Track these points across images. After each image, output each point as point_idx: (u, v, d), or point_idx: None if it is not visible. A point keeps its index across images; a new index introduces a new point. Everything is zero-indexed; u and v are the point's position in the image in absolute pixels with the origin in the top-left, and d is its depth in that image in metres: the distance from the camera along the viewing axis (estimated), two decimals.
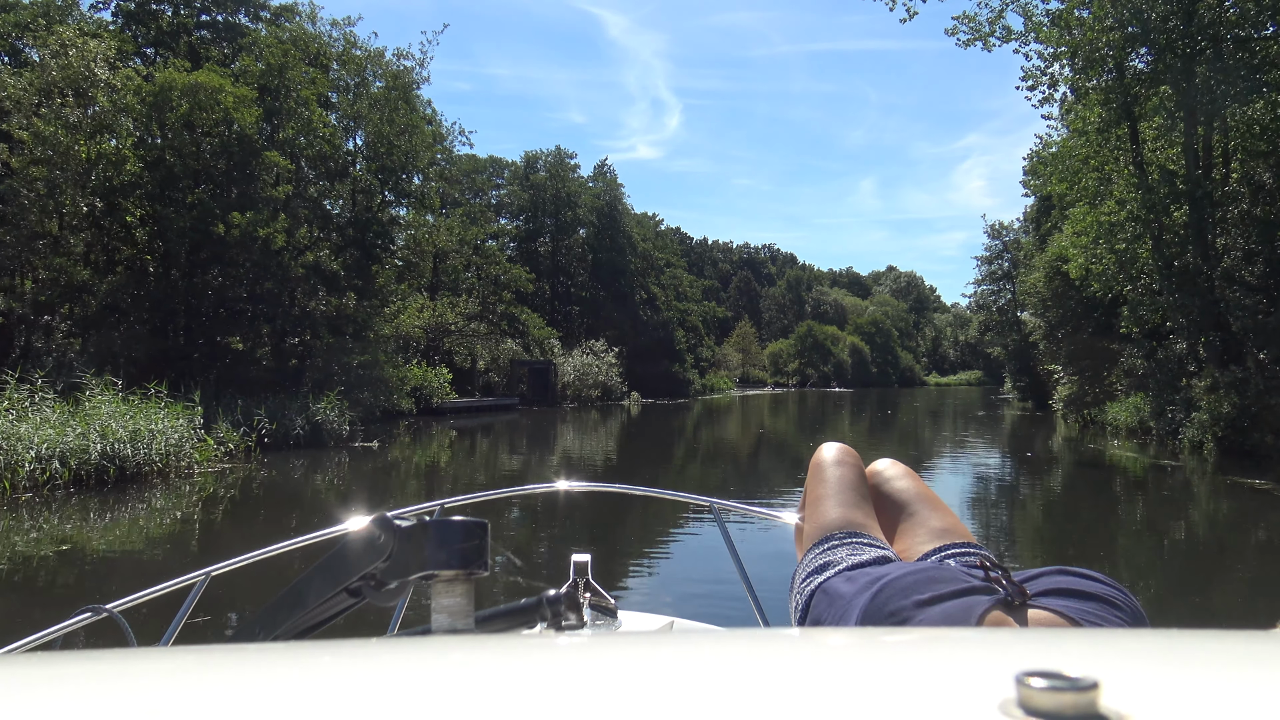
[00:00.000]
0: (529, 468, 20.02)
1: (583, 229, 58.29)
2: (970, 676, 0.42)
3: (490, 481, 16.21)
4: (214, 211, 20.13)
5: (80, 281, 20.01)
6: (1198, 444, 18.74)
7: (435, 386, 32.70)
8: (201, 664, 0.51)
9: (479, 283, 41.77)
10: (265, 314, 22.29)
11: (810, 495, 1.41)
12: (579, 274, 58.16)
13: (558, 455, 23.31)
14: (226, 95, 20.99)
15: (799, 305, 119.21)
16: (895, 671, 0.44)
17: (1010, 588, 0.95)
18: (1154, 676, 0.42)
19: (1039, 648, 0.52)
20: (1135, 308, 22.73)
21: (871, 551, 1.19)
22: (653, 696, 0.39)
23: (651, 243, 64.97)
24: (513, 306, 41.62)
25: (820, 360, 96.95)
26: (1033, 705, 0.33)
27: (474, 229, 42.13)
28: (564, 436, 29.36)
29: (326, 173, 24.81)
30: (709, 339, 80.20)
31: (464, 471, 18.34)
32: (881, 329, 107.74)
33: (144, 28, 27.60)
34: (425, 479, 16.65)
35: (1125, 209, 22.06)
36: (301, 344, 23.82)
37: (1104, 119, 23.21)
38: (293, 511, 12.28)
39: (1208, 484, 15.54)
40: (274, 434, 18.57)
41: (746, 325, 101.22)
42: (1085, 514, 12.45)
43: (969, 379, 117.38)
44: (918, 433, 29.66)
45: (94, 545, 9.40)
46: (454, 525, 0.67)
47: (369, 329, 25.01)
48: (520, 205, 56.81)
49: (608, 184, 59.46)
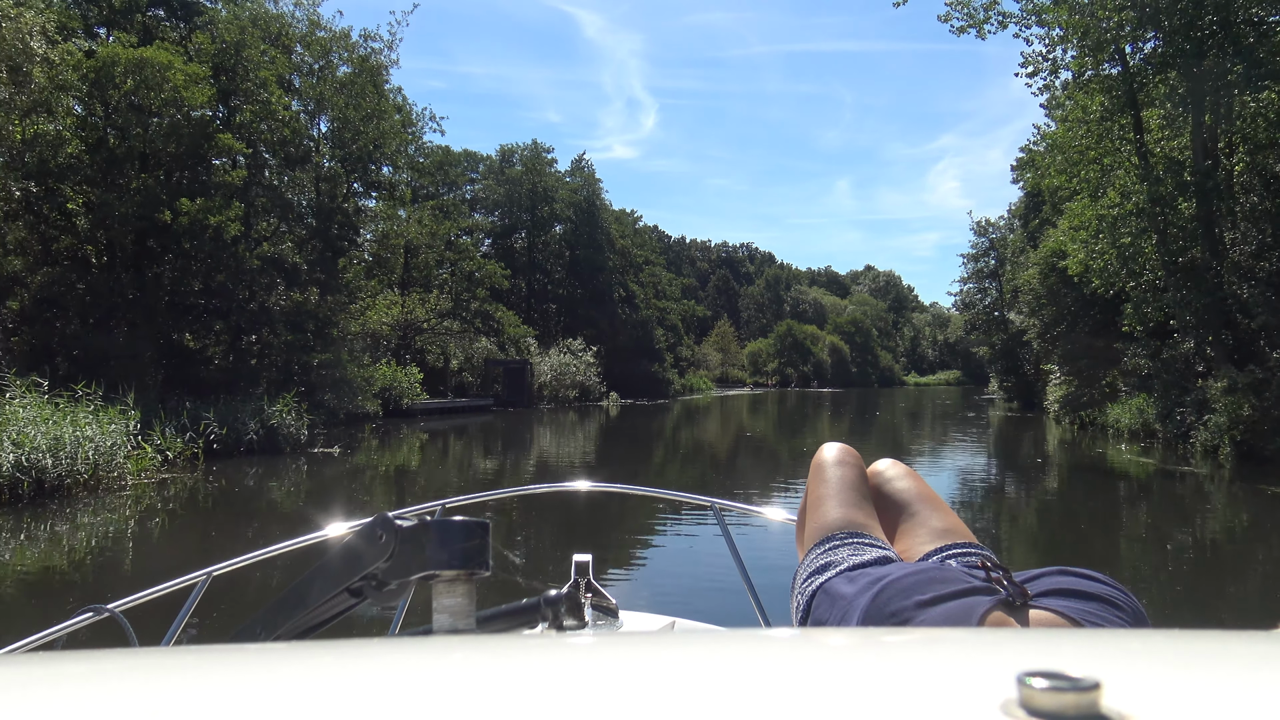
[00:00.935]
0: (503, 472, 18.80)
1: (560, 225, 56.84)
2: (971, 677, 0.42)
3: (463, 488, 15.05)
4: (160, 198, 18.57)
5: (12, 273, 18.39)
6: (1212, 448, 17.72)
7: (405, 387, 31.23)
8: (203, 664, 0.50)
9: (452, 279, 40.25)
10: (219, 309, 20.72)
11: (811, 495, 1.40)
12: (556, 271, 56.73)
13: (534, 458, 22.05)
14: (176, 73, 19.46)
15: (778, 304, 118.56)
16: (896, 672, 0.44)
17: (1011, 588, 0.95)
18: (1155, 677, 0.42)
19: (1040, 648, 0.52)
20: (1139, 305, 21.72)
21: (873, 552, 1.18)
22: (654, 697, 0.39)
23: (630, 240, 63.59)
24: (487, 304, 40.13)
25: (800, 360, 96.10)
26: (1034, 705, 0.33)
27: (447, 223, 40.62)
28: (540, 439, 28.11)
29: (287, 159, 23.24)
30: (688, 338, 79.07)
31: (433, 478, 16.98)
32: (861, 328, 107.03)
33: (95, 6, 25.93)
34: (388, 488, 15.26)
35: (1130, 201, 21.02)
36: (259, 342, 22.27)
37: (1106, 107, 22.21)
38: (232, 529, 10.85)
39: (1228, 492, 14.53)
40: (224, 440, 17.09)
41: (725, 325, 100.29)
42: (1109, 526, 11.34)
43: (948, 379, 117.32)
44: (910, 435, 28.55)
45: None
46: (455, 525, 0.67)
47: (332, 326, 23.47)
48: (495, 200, 55.23)
49: (585, 179, 58.02)
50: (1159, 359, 21.55)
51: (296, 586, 0.79)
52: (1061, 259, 27.06)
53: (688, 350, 75.39)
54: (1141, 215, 21.06)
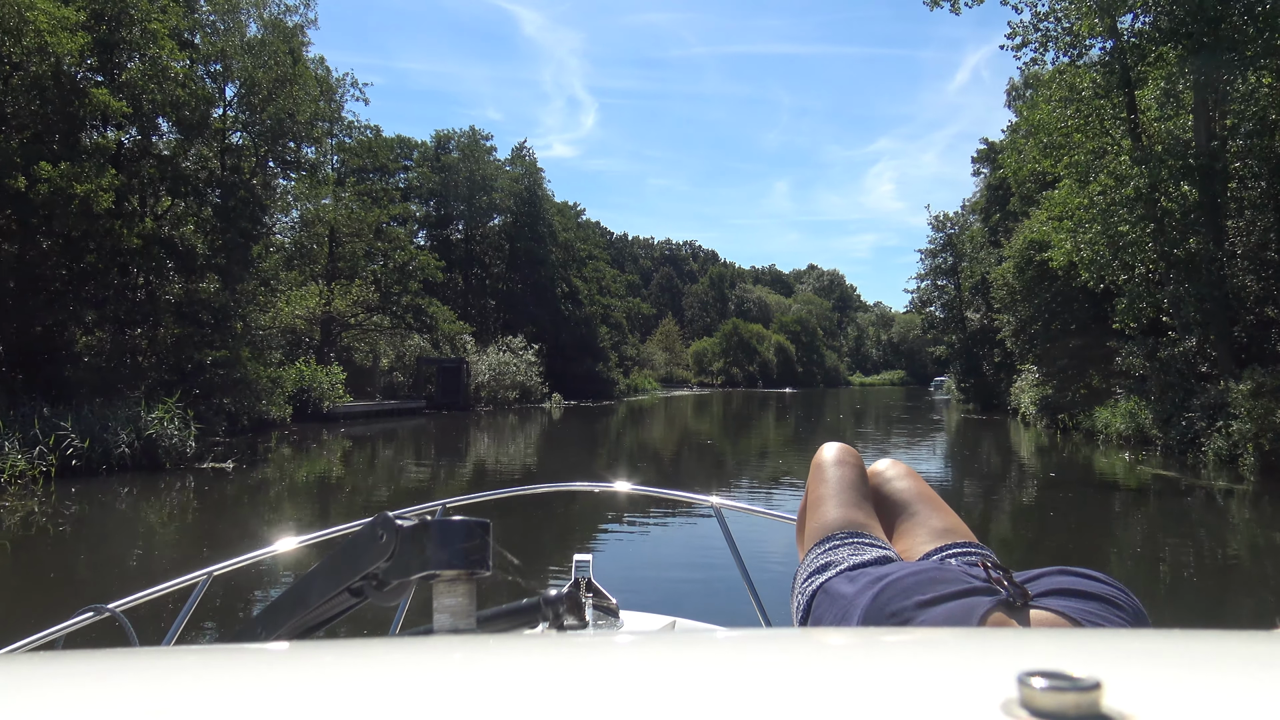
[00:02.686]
0: (434, 482, 16.29)
1: (499, 216, 53.84)
2: (972, 677, 0.42)
3: (385, 503, 12.37)
4: (14, 160, 15.40)
5: None
6: (1228, 458, 15.87)
7: (326, 389, 28.15)
8: (204, 664, 0.50)
9: (382, 271, 37.12)
10: (91, 297, 17.53)
11: (811, 495, 1.36)
12: (495, 265, 53.75)
13: (468, 467, 19.40)
14: (39, 15, 16.31)
15: (722, 303, 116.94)
16: (897, 672, 0.44)
17: (1012, 588, 0.94)
18: (1156, 677, 0.42)
19: (1041, 648, 0.52)
20: (1134, 300, 19.88)
21: (873, 551, 1.16)
22: (655, 697, 0.39)
23: (573, 233, 60.80)
24: (420, 298, 37.06)
25: (746, 360, 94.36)
26: (1035, 705, 0.33)
27: (376, 210, 37.47)
28: (477, 444, 25.42)
29: (181, 125, 20.09)
30: (633, 337, 76.63)
31: (345, 497, 14.21)
32: (807, 327, 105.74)
33: None
34: (281, 513, 12.44)
35: (1129, 186, 19.11)
36: (146, 337, 19.08)
37: (1098, 84, 20.34)
38: (48, 584, 8.01)
39: (1265, 509, 12.60)
40: (88, 454, 14.07)
41: (670, 323, 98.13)
42: (1143, 554, 9.16)
43: (892, 379, 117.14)
44: (875, 441, 26.46)
45: None
46: (456, 525, 0.67)
47: (235, 319, 20.35)
48: (431, 189, 51.97)
49: (527, 168, 55.07)
50: (1156, 358, 19.73)
51: (297, 586, 0.77)
52: (1041, 250, 25.26)
53: (633, 349, 72.93)
54: (1140, 201, 19.20)
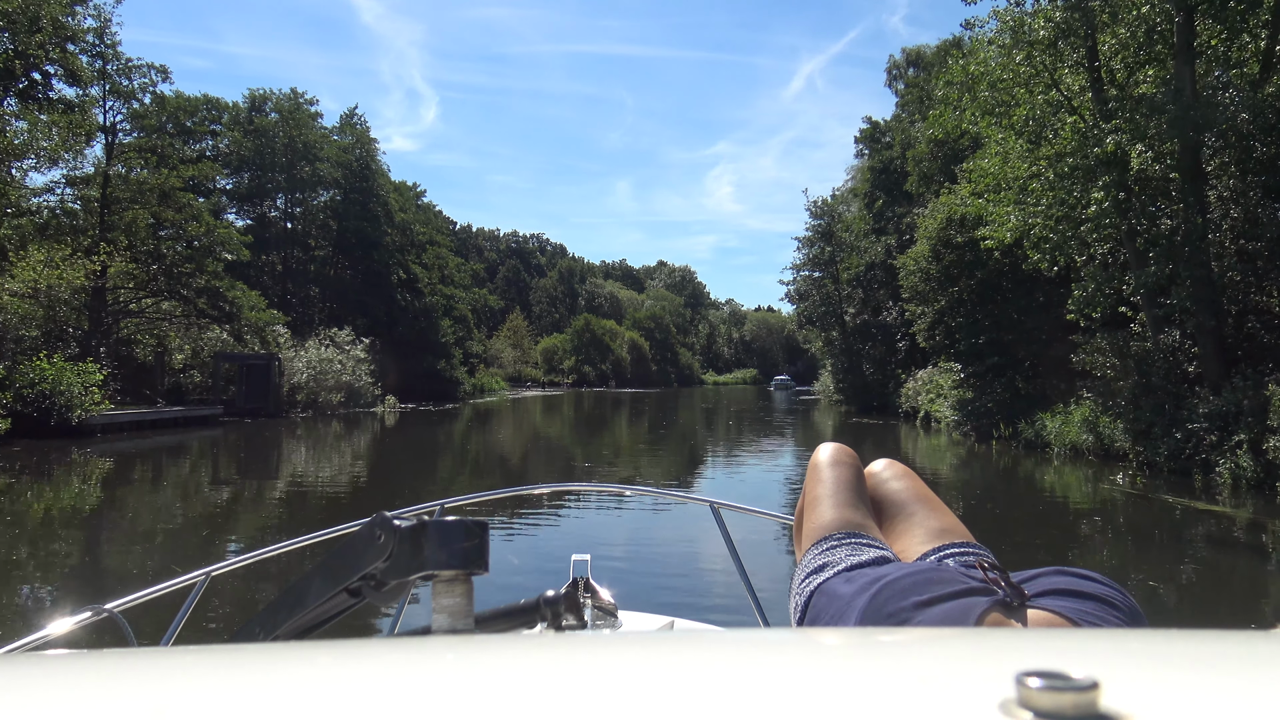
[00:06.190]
0: (214, 533, 10.73)
1: (326, 191, 46.91)
2: (970, 677, 0.42)
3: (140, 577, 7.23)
4: None
5: None
6: (1257, 482, 12.52)
7: (76, 393, 21.37)
8: (202, 664, 0.50)
9: (167, 245, 30.10)
10: None
11: (809, 496, 1.37)
12: (320, 247, 46.81)
13: (243, 507, 13.67)
14: None
15: (572, 298, 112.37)
16: (895, 672, 0.44)
17: (1009, 588, 0.94)
18: (1154, 676, 0.42)
19: (1038, 648, 0.52)
20: (1099, 285, 16.54)
21: (870, 552, 1.15)
22: (653, 697, 0.39)
23: (412, 214, 54.35)
24: (217, 279, 30.24)
25: (599, 357, 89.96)
26: (1033, 705, 0.33)
27: (165, 171, 30.37)
28: (287, 463, 19.75)
29: None
30: (479, 332, 70.63)
31: (59, 570, 8.44)
32: (661, 324, 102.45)
33: None
34: None
35: (1098, 145, 15.65)
36: None
37: (1060, 25, 16.84)
38: None
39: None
40: None
41: (518, 318, 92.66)
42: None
43: (744, 377, 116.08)
44: (748, 456, 22.34)
45: None
46: (454, 525, 0.66)
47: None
48: (243, 157, 44.44)
49: (358, 137, 48.32)
50: (1129, 356, 16.43)
51: (295, 586, 0.77)
52: (964, 230, 21.86)
53: (479, 345, 66.96)
54: (1111, 166, 15.81)
